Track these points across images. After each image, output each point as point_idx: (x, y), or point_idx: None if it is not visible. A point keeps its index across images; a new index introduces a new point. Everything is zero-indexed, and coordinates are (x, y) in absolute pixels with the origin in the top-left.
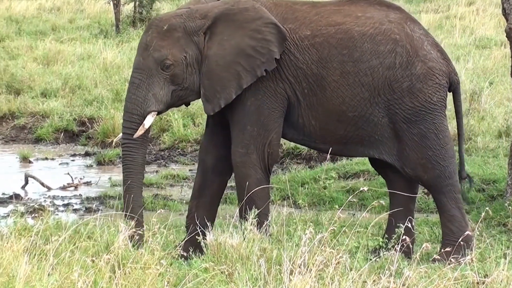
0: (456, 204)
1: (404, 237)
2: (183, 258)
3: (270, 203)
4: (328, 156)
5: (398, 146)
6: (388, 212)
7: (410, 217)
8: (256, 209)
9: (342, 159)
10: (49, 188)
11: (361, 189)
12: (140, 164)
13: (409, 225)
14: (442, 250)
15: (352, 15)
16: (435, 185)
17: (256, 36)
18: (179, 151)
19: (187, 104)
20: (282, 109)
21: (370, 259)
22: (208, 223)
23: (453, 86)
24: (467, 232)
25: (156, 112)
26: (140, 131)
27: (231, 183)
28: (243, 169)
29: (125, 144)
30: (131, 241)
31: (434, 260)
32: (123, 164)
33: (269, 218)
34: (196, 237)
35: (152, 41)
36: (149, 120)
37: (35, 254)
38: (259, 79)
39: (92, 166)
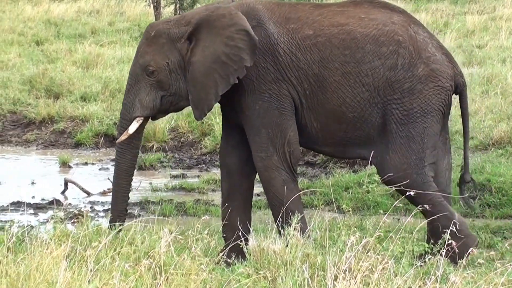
0: (442, 208)
1: (450, 241)
2: (225, 264)
3: (301, 202)
4: (370, 159)
5: (384, 147)
6: (426, 221)
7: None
8: (290, 212)
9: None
10: (89, 194)
11: (408, 193)
12: (123, 170)
13: (454, 229)
14: None
15: (356, 17)
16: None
17: (229, 43)
18: None
19: (180, 110)
20: (291, 108)
21: (416, 265)
22: (246, 226)
23: (459, 89)
24: None
25: (142, 118)
26: (123, 136)
27: None
28: (266, 173)
29: (116, 148)
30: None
31: None
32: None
33: (303, 216)
34: (238, 242)
35: (140, 47)
36: (133, 126)
37: (75, 260)
38: (262, 82)
39: None
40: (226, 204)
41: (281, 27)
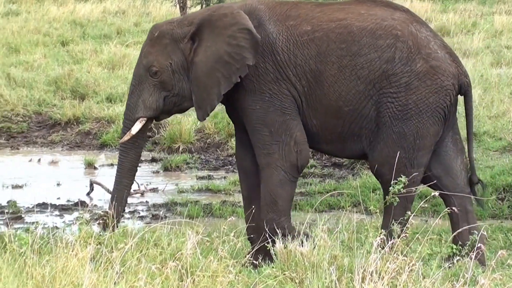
0: (402, 212)
1: (479, 244)
2: (252, 266)
3: (291, 204)
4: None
5: (376, 139)
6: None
7: (471, 220)
8: (277, 212)
9: None
10: None
11: (433, 194)
12: (127, 169)
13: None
14: None
15: (355, 12)
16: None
17: (231, 42)
18: None
19: (184, 110)
20: (294, 108)
21: (444, 267)
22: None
23: (463, 89)
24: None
25: (145, 118)
26: (126, 137)
27: (300, 189)
28: (266, 169)
29: (119, 148)
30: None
31: None
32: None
33: (289, 219)
34: (265, 244)
35: (144, 47)
36: (136, 127)
37: (100, 262)
38: (262, 83)
39: (158, 172)
40: (248, 206)
41: (281, 24)
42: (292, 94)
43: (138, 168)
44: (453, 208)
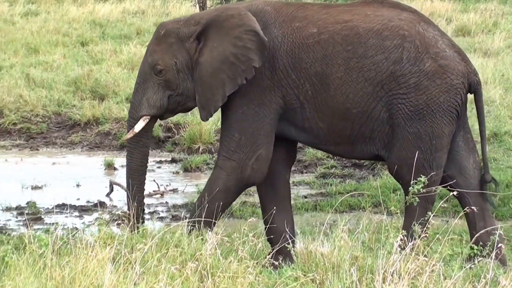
0: (423, 213)
1: (499, 244)
2: (272, 267)
3: (224, 212)
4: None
5: (392, 141)
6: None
7: (488, 218)
8: (206, 211)
9: None
10: None
11: (452, 193)
12: (133, 170)
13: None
14: None
15: (362, 14)
16: None
17: (238, 43)
18: None
19: (188, 110)
20: (274, 122)
21: (465, 267)
22: (288, 227)
23: (473, 87)
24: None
25: (149, 117)
26: (128, 135)
27: (321, 189)
28: (219, 170)
29: (126, 148)
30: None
31: None
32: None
33: (213, 227)
34: (286, 245)
35: (150, 46)
36: (139, 125)
37: (120, 263)
38: (255, 88)
39: (178, 173)
40: (266, 208)
41: (286, 26)
42: (285, 103)
43: (147, 166)
44: (472, 208)
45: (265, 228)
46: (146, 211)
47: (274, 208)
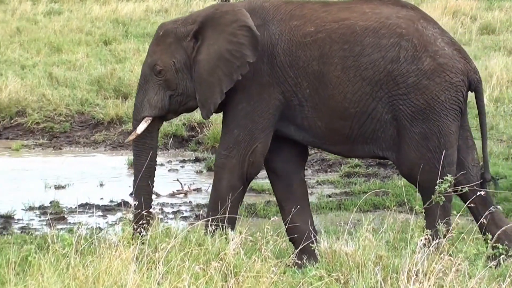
0: (444, 212)
1: None
2: (296, 266)
3: (237, 211)
4: (442, 160)
5: (399, 144)
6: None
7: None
8: (219, 213)
9: None
10: (158, 195)
11: (479, 193)
12: (140, 171)
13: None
14: None
15: (359, 11)
16: (428, 188)
17: (232, 39)
18: None
19: (191, 110)
20: (273, 117)
21: (490, 267)
22: (309, 224)
23: (473, 85)
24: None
25: (151, 118)
26: (130, 136)
27: (345, 188)
28: (221, 171)
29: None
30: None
31: None
32: None
33: (235, 227)
34: (310, 244)
35: (150, 46)
36: (141, 126)
37: (144, 263)
38: (254, 84)
39: (202, 172)
40: (284, 208)
41: (284, 24)
42: (285, 98)
43: (155, 168)
44: (499, 206)
45: (286, 228)
46: (169, 210)
47: (294, 208)
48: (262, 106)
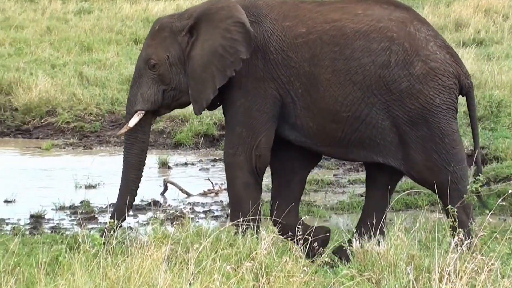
0: (464, 209)
1: None
2: (328, 266)
3: (259, 206)
4: (474, 158)
5: (403, 150)
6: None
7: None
8: (242, 213)
9: (492, 163)
10: (189, 195)
11: (510, 191)
12: (131, 164)
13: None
14: None
15: (352, 13)
16: (442, 189)
17: (226, 35)
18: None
19: (184, 105)
20: (272, 111)
21: None
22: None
23: (465, 90)
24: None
25: (143, 112)
26: (122, 130)
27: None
28: (231, 170)
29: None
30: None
31: None
32: None
33: (259, 222)
34: (342, 244)
35: (145, 40)
36: (133, 120)
37: (175, 263)
38: (250, 80)
39: None
40: (277, 204)
41: (277, 24)
42: (279, 95)
43: (145, 163)
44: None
45: (277, 225)
46: (201, 210)
47: (284, 205)
48: (259, 101)
